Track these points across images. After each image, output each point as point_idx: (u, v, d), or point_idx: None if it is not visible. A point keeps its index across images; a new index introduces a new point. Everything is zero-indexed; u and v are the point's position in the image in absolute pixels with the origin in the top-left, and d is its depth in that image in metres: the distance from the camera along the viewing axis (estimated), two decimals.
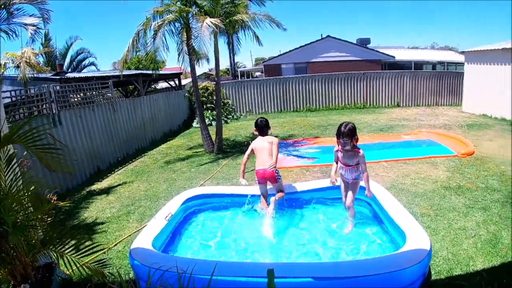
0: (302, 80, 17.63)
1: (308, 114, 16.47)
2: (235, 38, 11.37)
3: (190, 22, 8.66)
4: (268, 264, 3.41)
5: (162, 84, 20.98)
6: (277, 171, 4.76)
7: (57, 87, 7.92)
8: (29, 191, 2.92)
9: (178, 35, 9.00)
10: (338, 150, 4.31)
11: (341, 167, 4.34)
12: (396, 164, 7.35)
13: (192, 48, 8.82)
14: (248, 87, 17.64)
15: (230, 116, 16.64)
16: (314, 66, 20.92)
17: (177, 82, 18.08)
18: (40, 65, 8.13)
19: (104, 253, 4.37)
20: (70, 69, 20.68)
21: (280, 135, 11.23)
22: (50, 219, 3.15)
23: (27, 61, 8.00)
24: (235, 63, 29.45)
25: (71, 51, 21.53)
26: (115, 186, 7.37)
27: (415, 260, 3.05)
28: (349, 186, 4.42)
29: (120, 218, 5.59)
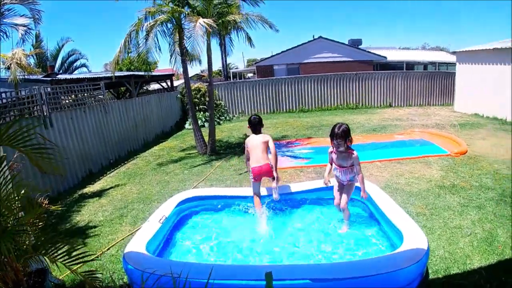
0: (294, 81, 17.64)
1: (301, 115, 16.49)
2: (228, 39, 11.33)
3: (182, 23, 8.61)
4: (265, 266, 3.37)
5: (154, 85, 20.88)
6: (271, 165, 4.78)
7: (48, 89, 7.80)
8: (19, 195, 2.85)
9: (171, 36, 8.94)
10: (332, 152, 4.29)
11: (335, 169, 4.32)
12: (390, 164, 7.37)
13: (184, 49, 8.77)
14: (240, 88, 17.60)
15: (223, 117, 16.57)
16: (306, 67, 20.94)
17: (169, 83, 17.99)
18: (31, 66, 8.00)
19: (97, 257, 4.29)
20: (61, 70, 20.46)
21: (273, 136, 11.03)
22: (41, 224, 3.07)
23: (18, 62, 7.87)
24: (227, 65, 29.35)
25: (63, 53, 21.37)
26: (108, 189, 7.27)
27: (413, 259, 3.03)
28: (343, 187, 4.39)
29: (113, 221, 5.51)
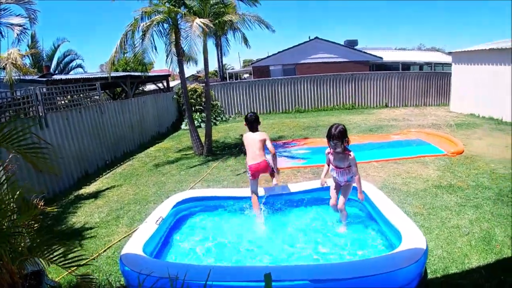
0: (290, 81, 17.66)
1: (297, 115, 16.50)
2: (224, 39, 11.32)
3: (178, 23, 8.58)
4: (264, 267, 3.34)
5: (150, 86, 20.78)
6: (268, 161, 4.87)
7: (43, 89, 7.74)
8: (14, 196, 2.81)
9: (167, 36, 8.90)
10: (329, 153, 4.28)
11: (333, 170, 4.31)
12: (386, 164, 7.38)
13: (181, 49, 8.73)
14: (237, 89, 17.58)
15: (219, 118, 16.53)
16: (302, 67, 20.94)
17: (165, 84, 17.91)
18: (26, 66, 7.91)
19: (94, 259, 4.25)
20: (57, 71, 20.36)
21: (270, 137, 11.13)
22: (37, 225, 3.03)
23: (14, 62, 7.77)
24: (223, 65, 29.33)
25: (58, 53, 21.29)
26: (104, 190, 7.21)
27: (412, 259, 3.02)
28: (340, 188, 4.39)
29: (109, 222, 5.46)
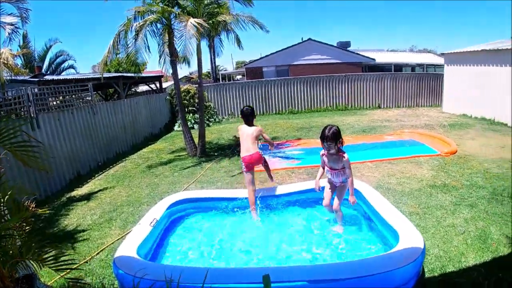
0: (284, 82, 17.65)
1: (290, 117, 16.49)
2: (217, 40, 11.27)
3: (172, 23, 8.51)
4: (262, 268, 3.30)
5: (142, 87, 20.63)
6: (262, 153, 5.04)
7: (35, 90, 7.62)
8: (5, 197, 2.73)
9: (160, 36, 8.83)
10: (323, 154, 4.26)
11: (327, 171, 4.30)
12: (380, 164, 7.39)
13: (174, 49, 8.66)
14: (230, 90, 17.52)
15: (212, 119, 16.46)
16: (296, 68, 21.00)
17: (158, 85, 17.80)
18: (18, 67, 7.78)
19: (86, 262, 4.18)
20: (49, 71, 20.10)
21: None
22: (28, 228, 2.95)
23: (5, 62, 7.63)
24: (216, 66, 29.25)
25: (50, 54, 20.99)
26: (96, 192, 7.11)
27: (410, 258, 3.01)
28: (335, 189, 4.37)
29: (102, 225, 5.37)
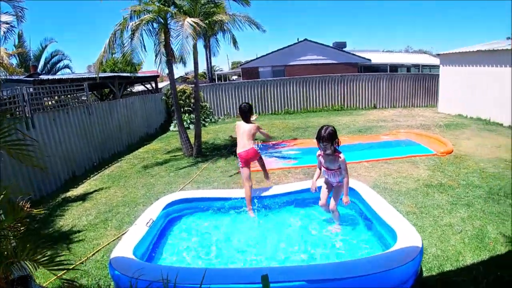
0: (280, 83, 17.63)
1: (286, 117, 16.48)
2: (214, 40, 11.26)
3: (168, 23, 8.46)
4: (261, 268, 3.27)
5: (138, 87, 20.53)
6: (258, 149, 5.09)
7: (30, 89, 7.55)
8: None
9: (156, 36, 8.77)
10: (320, 155, 4.26)
11: (324, 171, 4.30)
12: (377, 163, 7.39)
13: (170, 49, 8.62)
14: (226, 90, 17.46)
15: (208, 119, 16.41)
16: (292, 69, 20.98)
17: (153, 85, 17.70)
18: (13, 66, 7.70)
19: (82, 263, 4.13)
20: (44, 71, 19.96)
21: (259, 138, 11.13)
22: (23, 228, 2.90)
23: (0, 61, 7.57)
24: (212, 67, 29.19)
25: (46, 53, 20.88)
26: (91, 192, 7.06)
27: (408, 258, 3.01)
28: (332, 188, 4.37)
29: (97, 225, 5.32)
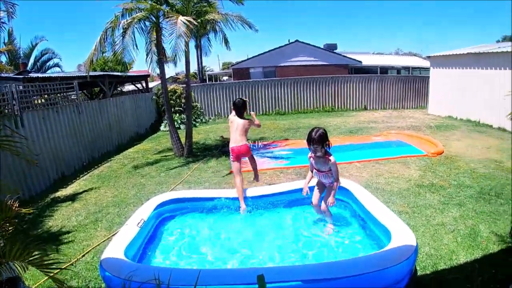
0: (271, 84, 17.65)
1: (277, 118, 16.50)
2: (206, 39, 11.19)
3: (160, 21, 8.37)
4: (256, 269, 3.24)
5: (128, 86, 20.33)
6: (250, 145, 5.30)
7: (20, 87, 7.38)
8: None
9: (148, 34, 8.68)
10: (311, 156, 4.26)
11: (315, 173, 4.32)
12: (368, 164, 7.43)
13: (162, 48, 8.53)
14: (216, 91, 17.42)
15: (199, 119, 16.32)
16: (282, 70, 21.04)
17: (144, 84, 17.55)
18: (2, 64, 7.54)
19: (72, 264, 4.04)
20: (34, 69, 19.58)
21: (251, 138, 11.10)
22: (11, 228, 2.82)
23: None
24: (203, 67, 29.09)
25: (36, 52, 20.52)
26: (81, 193, 6.93)
27: (403, 257, 3.00)
28: (325, 188, 4.38)
29: (87, 226, 5.22)
